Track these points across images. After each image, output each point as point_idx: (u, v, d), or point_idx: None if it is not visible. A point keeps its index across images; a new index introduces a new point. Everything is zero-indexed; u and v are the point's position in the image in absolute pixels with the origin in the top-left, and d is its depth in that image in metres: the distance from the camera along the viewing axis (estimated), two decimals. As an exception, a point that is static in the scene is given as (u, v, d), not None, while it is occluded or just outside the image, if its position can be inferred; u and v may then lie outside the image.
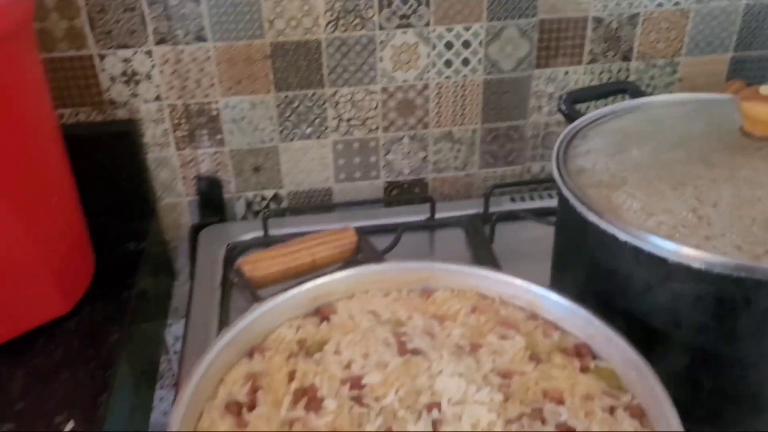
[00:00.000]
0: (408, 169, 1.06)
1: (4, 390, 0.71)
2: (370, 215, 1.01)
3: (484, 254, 0.90)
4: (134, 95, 0.93)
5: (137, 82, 0.93)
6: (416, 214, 1.00)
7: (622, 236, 0.54)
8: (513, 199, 1.04)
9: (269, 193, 1.04)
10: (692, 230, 0.52)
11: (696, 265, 0.50)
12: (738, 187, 0.55)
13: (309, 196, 1.05)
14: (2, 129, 0.67)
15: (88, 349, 0.76)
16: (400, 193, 1.07)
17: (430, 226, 0.99)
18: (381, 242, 0.85)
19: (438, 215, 0.99)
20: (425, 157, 1.05)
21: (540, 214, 0.94)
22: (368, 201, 1.05)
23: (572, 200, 0.58)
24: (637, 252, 0.53)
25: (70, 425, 0.67)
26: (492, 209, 0.98)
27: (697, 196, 0.55)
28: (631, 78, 1.02)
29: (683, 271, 0.51)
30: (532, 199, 1.05)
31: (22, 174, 0.70)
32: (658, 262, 0.52)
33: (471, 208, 1.01)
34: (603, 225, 0.55)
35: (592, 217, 0.56)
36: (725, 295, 0.51)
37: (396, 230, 0.92)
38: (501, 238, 0.95)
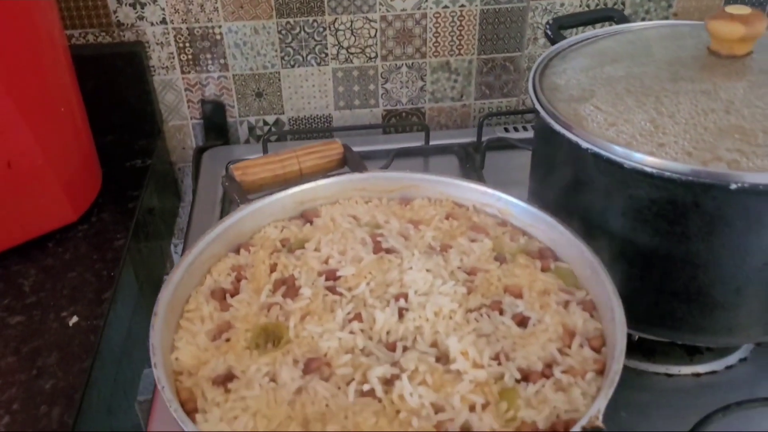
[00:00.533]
0: (406, 98, 1.08)
1: (17, 285, 0.76)
2: (368, 141, 1.05)
3: (473, 178, 0.93)
4: (140, 18, 0.96)
5: (143, 5, 0.96)
6: (412, 141, 1.03)
7: (584, 144, 0.57)
8: (506, 129, 1.07)
9: (271, 119, 1.08)
10: (648, 138, 0.55)
11: (648, 169, 0.53)
12: (696, 99, 0.58)
13: (309, 122, 1.09)
14: (13, 42, 0.71)
15: (94, 253, 0.81)
16: (397, 122, 1.10)
17: (425, 152, 1.02)
18: (377, 166, 0.88)
19: (432, 142, 1.02)
20: (423, 86, 1.08)
21: (530, 143, 0.96)
22: (366, 126, 1.08)
23: (542, 112, 0.61)
24: (597, 159, 0.56)
25: (74, 319, 0.72)
26: (486, 138, 1.01)
27: (657, 107, 0.58)
28: (627, 11, 1.04)
29: (637, 176, 0.54)
30: (525, 129, 1.07)
31: (30, 84, 0.74)
32: (616, 168, 0.55)
33: (465, 137, 1.04)
34: (567, 134, 0.58)
35: (557, 127, 0.59)
36: (676, 199, 0.54)
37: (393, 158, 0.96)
38: (492, 166, 0.98)
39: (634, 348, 0.69)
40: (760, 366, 0.70)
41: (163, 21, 0.97)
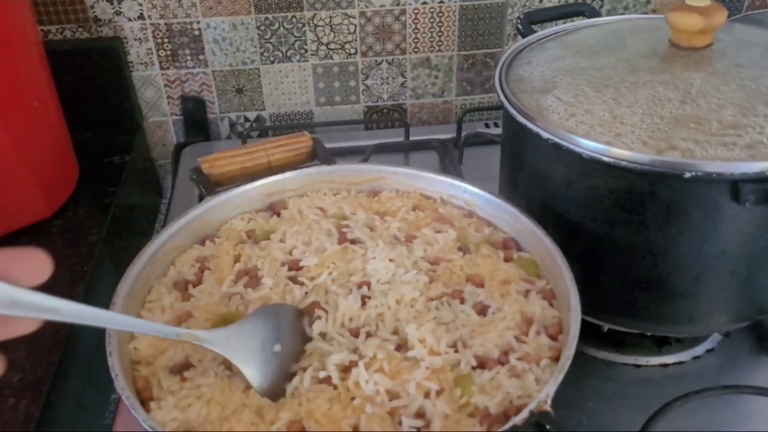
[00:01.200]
0: (387, 95, 1.09)
1: (-12, 280, 0.76)
2: (350, 137, 1.05)
3: (452, 173, 0.93)
4: (118, 13, 0.97)
5: (120, 1, 0.96)
6: (393, 137, 1.04)
7: (545, 135, 0.57)
8: (487, 125, 1.08)
9: (252, 115, 1.08)
10: (607, 128, 0.56)
11: (606, 159, 0.54)
12: (654, 89, 0.58)
13: (290, 118, 1.09)
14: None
15: (69, 248, 0.82)
16: (378, 118, 1.11)
17: (404, 148, 1.03)
18: (357, 162, 0.89)
19: (412, 138, 1.03)
20: (403, 82, 1.08)
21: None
22: (347, 122, 1.08)
23: (506, 104, 0.62)
24: (558, 149, 0.57)
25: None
26: (465, 134, 1.02)
27: (616, 97, 0.58)
28: (606, 8, 1.04)
29: (596, 165, 0.55)
30: (505, 124, 1.08)
31: (3, 78, 0.75)
32: (576, 158, 0.56)
33: (446, 133, 1.05)
34: (529, 125, 0.58)
35: (520, 119, 0.59)
36: (633, 188, 0.55)
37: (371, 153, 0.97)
38: (471, 161, 0.99)
39: (603, 339, 0.70)
40: (726, 356, 0.71)
41: (141, 16, 0.98)
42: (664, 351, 0.70)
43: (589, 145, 0.55)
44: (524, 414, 0.44)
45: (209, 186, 0.65)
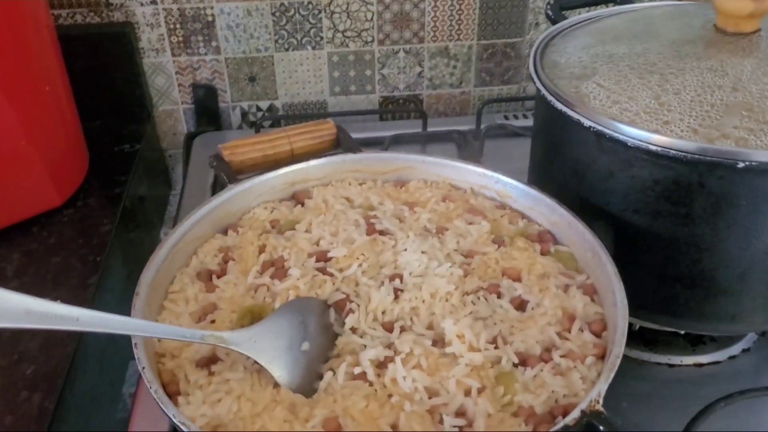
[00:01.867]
0: (403, 85, 1.07)
1: (0, 269, 0.74)
2: (364, 128, 1.03)
3: (471, 165, 0.92)
4: (130, -3, 0.95)
5: (133, -16, 0.94)
6: (409, 128, 1.02)
7: (587, 122, 0.55)
8: (506, 117, 1.06)
9: (264, 104, 1.06)
10: (653, 116, 0.54)
11: (653, 147, 0.52)
12: (702, 75, 0.56)
13: (304, 108, 1.07)
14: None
15: (79, 237, 0.80)
16: (394, 108, 1.09)
17: (422, 139, 1.01)
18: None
19: (430, 129, 1.01)
20: (420, 72, 1.06)
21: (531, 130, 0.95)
22: (362, 112, 1.06)
23: (542, 90, 0.60)
24: (600, 137, 0.55)
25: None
26: (485, 125, 1.00)
27: (661, 84, 0.56)
28: (632, -5, 1.02)
29: (642, 154, 0.53)
30: (525, 117, 1.06)
31: (12, 62, 0.73)
32: (619, 146, 0.54)
33: (464, 124, 1.03)
34: (569, 112, 0.56)
35: (559, 105, 0.57)
36: (681, 179, 0.53)
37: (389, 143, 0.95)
38: (491, 153, 0.97)
39: (635, 338, 0.69)
40: (763, 357, 0.69)
41: (153, 1, 0.96)
42: (699, 350, 0.68)
43: (634, 133, 0.53)
44: (575, 414, 0.42)
45: (231, 173, 0.63)
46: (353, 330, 0.51)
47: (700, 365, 0.68)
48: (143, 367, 0.45)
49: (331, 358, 0.50)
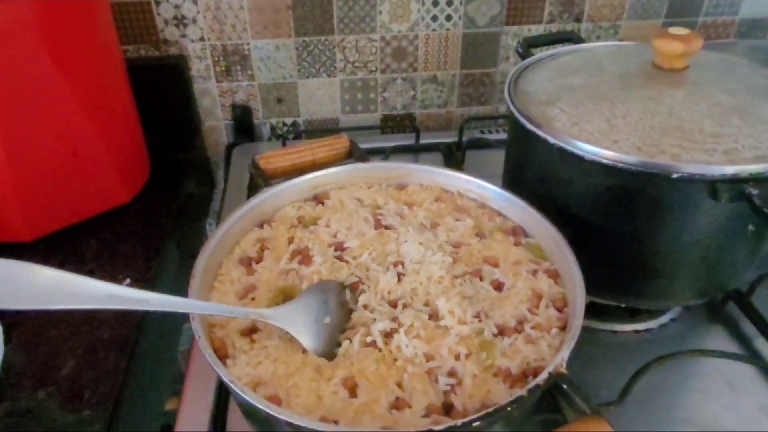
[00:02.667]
0: (400, 105, 1.06)
1: (80, 254, 0.74)
2: (369, 139, 1.02)
3: (455, 171, 0.91)
4: (183, 36, 0.93)
5: (185, 25, 0.93)
6: (405, 140, 1.01)
7: (551, 140, 0.54)
8: (483, 132, 1.05)
9: (289, 120, 1.05)
10: (605, 135, 0.53)
11: (605, 161, 0.51)
12: (644, 104, 0.55)
13: (320, 124, 1.06)
14: (78, 54, 0.68)
15: (144, 228, 0.79)
16: (393, 124, 1.07)
17: (415, 149, 1.00)
18: (377, 160, 0.86)
19: (421, 141, 1.00)
20: (414, 95, 1.05)
21: (503, 143, 0.94)
22: (367, 127, 1.05)
23: (516, 114, 0.59)
24: (562, 152, 0.54)
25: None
26: (466, 138, 0.99)
27: (611, 110, 0.56)
28: (582, 36, 1.01)
29: (596, 166, 0.52)
30: (497, 132, 1.05)
31: (92, 88, 0.72)
32: (578, 160, 0.53)
33: (449, 137, 1.01)
34: (538, 132, 0.56)
35: (529, 126, 0.57)
36: (627, 186, 0.52)
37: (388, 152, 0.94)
38: (471, 161, 0.96)
39: (587, 310, 0.67)
40: (687, 325, 0.68)
41: (202, 39, 0.94)
42: (637, 320, 0.68)
43: (590, 150, 0.52)
44: (544, 375, 0.41)
45: (265, 178, 0.62)
46: (365, 306, 0.50)
47: (638, 332, 0.67)
48: (199, 336, 0.45)
49: (347, 330, 0.49)
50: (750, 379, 0.62)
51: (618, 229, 0.55)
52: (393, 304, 0.50)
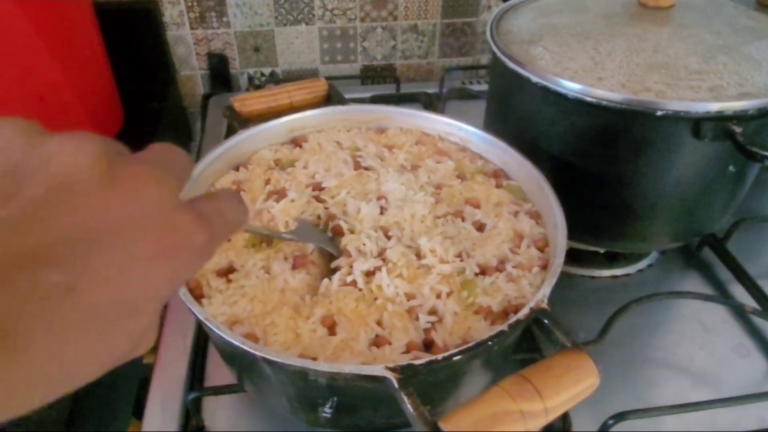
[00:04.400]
0: (380, 55, 1.03)
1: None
2: (348, 90, 0.98)
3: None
4: (154, -22, 0.88)
5: (156, -33, 0.88)
6: (385, 91, 0.98)
7: (534, 79, 0.52)
8: (464, 83, 1.02)
9: (267, 70, 1.01)
10: (589, 73, 0.51)
11: (588, 99, 0.49)
12: (629, 41, 0.53)
13: (299, 74, 1.02)
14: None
15: (117, 177, 0.76)
16: (373, 75, 1.04)
17: (396, 99, 0.97)
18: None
19: (402, 91, 0.97)
20: (394, 45, 1.02)
21: (485, 94, 0.92)
22: (347, 76, 1.02)
23: (498, 53, 0.56)
24: (546, 91, 0.52)
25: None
26: (447, 88, 0.96)
27: (596, 47, 0.54)
28: (565, -15, 0.98)
29: (579, 105, 0.51)
30: (479, 83, 1.02)
31: (58, 29, 0.68)
32: (561, 99, 0.51)
33: (430, 88, 0.99)
34: (520, 70, 0.53)
35: (511, 65, 0.54)
36: (610, 125, 0.51)
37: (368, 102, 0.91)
38: (452, 111, 0.93)
39: (566, 256, 0.67)
40: (663, 270, 0.68)
41: (174, -19, 0.89)
42: (615, 265, 0.68)
43: (573, 87, 0.50)
44: (526, 310, 0.40)
45: (241, 121, 0.59)
46: (351, 231, 0.48)
47: (616, 277, 0.67)
48: (172, 276, 0.42)
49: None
50: (723, 320, 0.62)
51: (600, 170, 0.54)
52: (385, 232, 0.48)
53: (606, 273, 0.67)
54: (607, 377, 0.56)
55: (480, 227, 0.51)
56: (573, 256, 0.67)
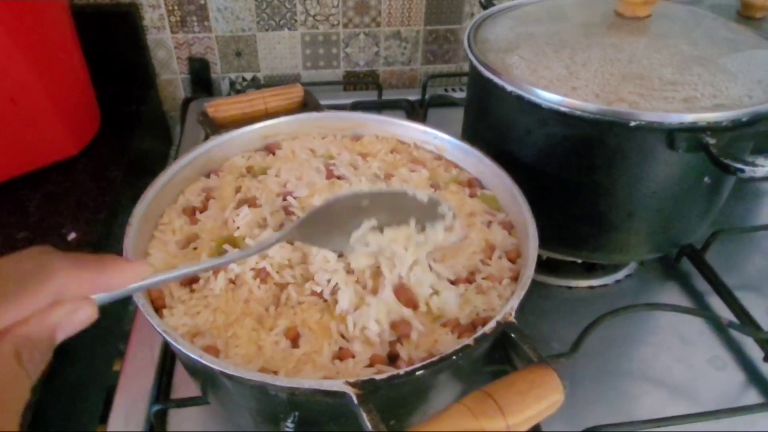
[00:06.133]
0: (363, 62, 1.02)
1: (23, 207, 0.69)
2: (331, 96, 0.98)
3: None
4: (134, -19, 0.87)
5: (136, -30, 0.87)
6: (368, 98, 0.97)
7: (509, 88, 0.52)
8: (446, 90, 1.02)
9: (249, 75, 1.00)
10: (564, 82, 0.51)
11: (563, 109, 0.49)
12: (604, 51, 0.53)
13: (281, 80, 1.01)
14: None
15: (92, 182, 0.74)
16: (356, 81, 1.03)
17: (377, 106, 0.96)
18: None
19: (384, 98, 0.96)
20: (377, 52, 1.01)
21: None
22: (329, 83, 1.01)
23: (474, 62, 0.56)
24: (520, 100, 0.51)
25: (72, 235, 0.66)
26: (429, 96, 0.95)
27: (571, 57, 0.53)
28: (548, -7, 0.98)
29: (554, 115, 0.50)
30: (461, 90, 1.02)
31: (30, 29, 0.66)
32: (536, 108, 0.51)
33: (413, 95, 0.98)
34: (495, 79, 0.53)
35: (487, 74, 0.54)
36: (585, 135, 0.50)
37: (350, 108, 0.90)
38: (434, 119, 0.92)
39: (542, 266, 0.66)
40: (641, 281, 0.68)
41: (154, -15, 0.88)
42: (592, 275, 0.67)
43: (548, 97, 0.49)
44: (492, 324, 0.39)
45: (214, 127, 0.58)
46: None
47: (593, 287, 0.66)
48: (132, 286, 0.41)
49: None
50: (700, 332, 0.62)
51: (575, 180, 0.53)
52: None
53: (583, 283, 0.66)
54: (582, 390, 0.56)
55: (452, 237, 0.50)
56: (550, 266, 0.66)
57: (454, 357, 0.36)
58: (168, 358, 0.56)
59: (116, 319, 0.70)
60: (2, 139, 0.68)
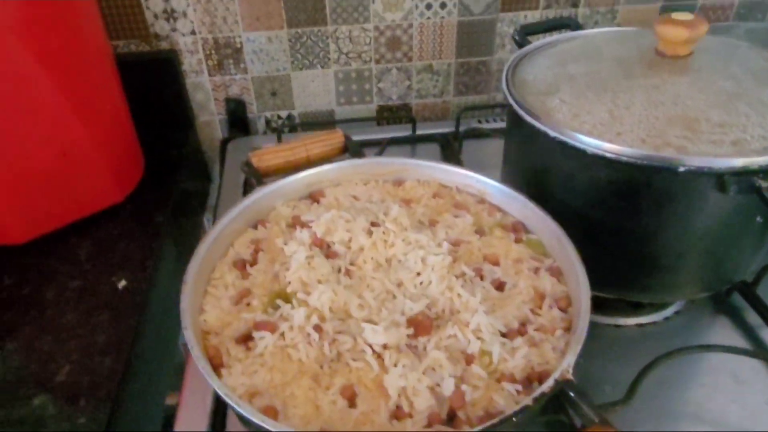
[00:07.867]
0: (396, 96, 1.03)
1: (74, 255, 0.71)
2: (365, 131, 0.99)
3: (453, 163, 0.88)
4: (173, 30, 0.90)
5: (176, 19, 0.89)
6: (401, 132, 0.98)
7: (552, 133, 0.52)
8: (479, 122, 1.02)
9: (284, 113, 1.02)
10: (608, 127, 0.51)
11: (608, 155, 0.49)
12: (648, 93, 0.53)
13: (316, 116, 1.03)
14: (64, 50, 0.65)
15: (139, 228, 0.76)
16: (389, 115, 1.05)
17: (412, 140, 0.97)
18: (372, 153, 0.83)
19: (418, 132, 0.97)
20: (409, 85, 1.02)
21: (500, 132, 0.91)
22: (363, 119, 1.02)
23: (514, 105, 0.56)
24: (563, 146, 0.51)
25: (122, 283, 0.68)
26: (463, 129, 0.96)
27: (614, 100, 0.53)
28: (579, 21, 0.98)
29: (598, 160, 0.50)
30: (495, 120, 1.02)
31: (80, 85, 0.69)
32: (579, 153, 0.51)
33: (445, 128, 0.99)
34: (537, 124, 0.53)
35: (528, 118, 0.54)
36: (631, 180, 0.50)
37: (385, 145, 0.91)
38: (468, 152, 0.93)
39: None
40: (691, 318, 0.66)
41: (193, 32, 0.91)
42: (640, 313, 0.66)
43: (592, 143, 0.49)
44: (550, 382, 0.39)
45: (258, 177, 0.60)
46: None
47: (641, 325, 0.65)
48: (192, 347, 0.42)
49: None
50: (755, 371, 0.60)
51: (622, 224, 0.53)
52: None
53: (631, 321, 0.65)
54: (636, 436, 0.55)
55: (499, 286, 0.50)
56: (596, 303, 0.64)
57: (513, 418, 0.36)
58: (221, 401, 0.57)
59: (167, 357, 0.71)
60: (53, 191, 0.71)
